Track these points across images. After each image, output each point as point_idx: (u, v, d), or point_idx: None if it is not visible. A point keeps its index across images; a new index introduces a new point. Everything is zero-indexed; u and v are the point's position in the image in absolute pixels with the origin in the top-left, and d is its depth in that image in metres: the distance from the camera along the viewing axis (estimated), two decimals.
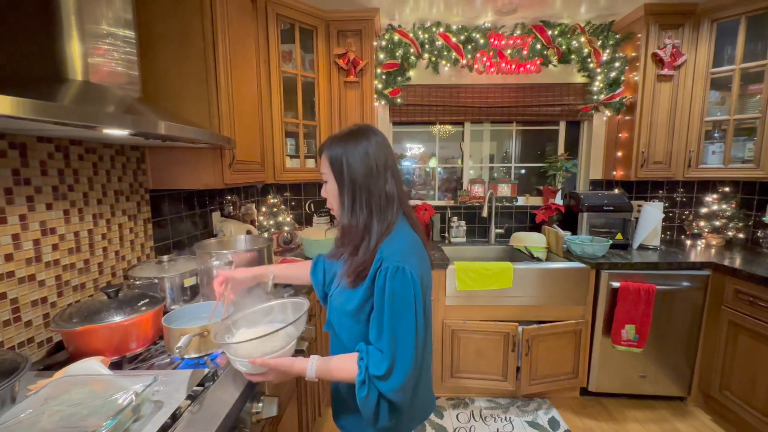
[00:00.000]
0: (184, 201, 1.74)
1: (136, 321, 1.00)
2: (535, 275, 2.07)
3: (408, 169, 2.86)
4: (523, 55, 2.40)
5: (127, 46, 1.08)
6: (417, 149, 2.85)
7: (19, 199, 0.99)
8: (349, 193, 0.84)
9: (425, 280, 0.84)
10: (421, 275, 0.80)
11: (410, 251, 0.82)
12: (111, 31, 1.02)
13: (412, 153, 2.85)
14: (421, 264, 0.83)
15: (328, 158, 0.87)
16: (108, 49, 1.01)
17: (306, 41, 2.19)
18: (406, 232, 0.86)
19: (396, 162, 0.90)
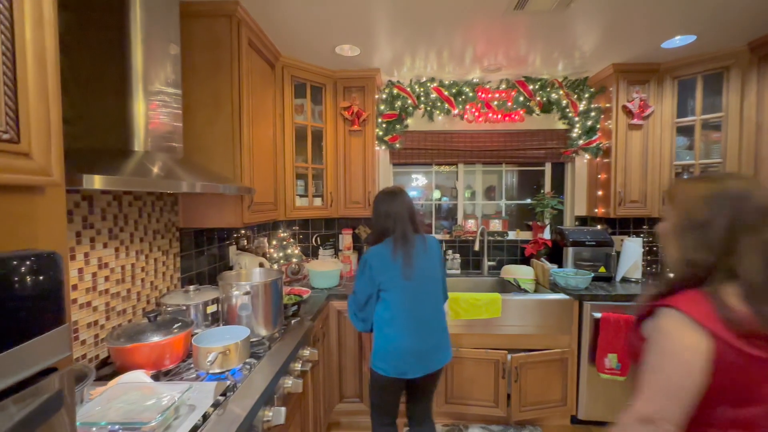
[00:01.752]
0: (206, 237, 1.99)
1: (171, 341, 1.21)
2: (522, 306, 2.24)
3: None
4: (508, 106, 2.70)
5: (173, 102, 1.34)
6: (421, 182, 3.11)
7: (85, 240, 1.24)
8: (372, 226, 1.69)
9: (376, 266, 1.53)
10: (372, 264, 1.53)
11: (377, 252, 1.55)
12: (163, 89, 1.29)
13: (417, 184, 3.11)
14: (380, 260, 1.53)
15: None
16: (159, 104, 1.28)
17: (316, 95, 2.52)
18: (383, 246, 1.57)
19: (398, 210, 1.58)
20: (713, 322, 0.72)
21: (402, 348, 1.49)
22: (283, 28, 1.94)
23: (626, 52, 2.30)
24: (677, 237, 0.84)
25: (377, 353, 1.55)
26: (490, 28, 1.98)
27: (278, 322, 1.60)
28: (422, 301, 1.54)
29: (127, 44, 1.17)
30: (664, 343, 0.76)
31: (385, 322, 1.52)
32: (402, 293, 1.51)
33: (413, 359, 1.50)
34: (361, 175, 2.59)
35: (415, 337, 1.50)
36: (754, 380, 0.72)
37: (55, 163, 0.49)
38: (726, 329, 0.71)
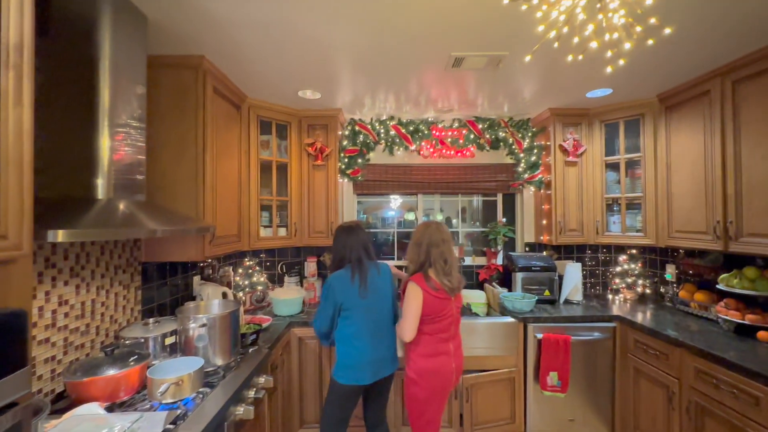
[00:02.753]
0: (169, 269, 2.08)
1: (126, 374, 1.30)
2: (473, 328, 2.41)
3: (375, 232, 3.27)
4: (459, 143, 2.96)
5: (139, 134, 1.45)
6: (396, 203, 3.30)
7: (47, 279, 1.32)
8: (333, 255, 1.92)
9: (338, 288, 1.76)
10: (334, 286, 1.76)
11: (338, 276, 1.80)
12: (128, 122, 1.41)
13: (394, 205, 3.29)
14: (340, 282, 1.77)
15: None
16: (124, 136, 1.39)
17: (281, 132, 2.69)
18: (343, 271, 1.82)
19: (354, 242, 1.85)
20: (424, 285, 1.72)
21: (366, 358, 1.74)
22: (247, 76, 2.12)
23: (559, 99, 2.61)
24: (411, 250, 1.85)
25: (344, 365, 1.75)
26: (440, 77, 2.23)
27: (235, 351, 1.70)
28: (377, 317, 1.81)
29: (96, 90, 1.30)
30: (408, 294, 1.73)
31: (350, 336, 1.76)
32: (361, 311, 1.77)
33: (374, 366, 1.76)
34: (324, 207, 2.75)
35: (374, 347, 1.77)
36: (439, 308, 1.73)
37: (26, 239, 0.62)
38: (429, 288, 1.71)
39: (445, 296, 1.73)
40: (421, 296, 1.69)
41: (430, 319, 1.72)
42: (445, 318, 1.73)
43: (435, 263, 1.75)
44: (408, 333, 1.69)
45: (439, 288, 1.72)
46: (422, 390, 1.71)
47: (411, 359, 1.76)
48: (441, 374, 1.71)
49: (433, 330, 1.73)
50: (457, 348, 1.80)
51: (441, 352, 1.73)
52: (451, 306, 1.76)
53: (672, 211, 2.40)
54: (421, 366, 1.71)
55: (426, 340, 1.73)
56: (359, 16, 1.52)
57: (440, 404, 1.76)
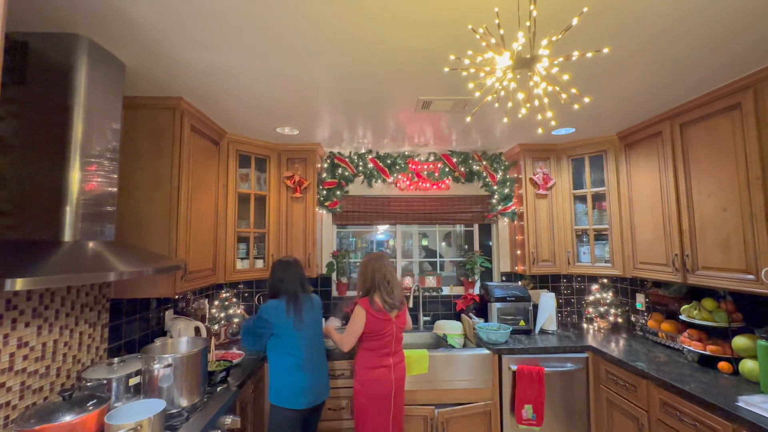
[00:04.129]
0: (140, 304, 2.06)
1: (83, 419, 1.27)
2: (448, 361, 2.41)
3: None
4: (435, 176, 3.06)
5: (110, 166, 1.48)
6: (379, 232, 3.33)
7: (6, 322, 1.31)
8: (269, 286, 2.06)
9: (269, 315, 1.89)
10: (267, 315, 1.89)
11: (271, 305, 1.92)
12: (101, 153, 1.44)
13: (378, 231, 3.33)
14: (274, 312, 1.90)
15: None
16: (97, 167, 1.42)
17: (260, 165, 2.75)
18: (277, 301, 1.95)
19: (290, 276, 2.01)
20: (368, 308, 1.98)
21: (307, 385, 1.89)
22: (226, 114, 2.20)
23: (527, 137, 2.75)
24: (359, 279, 2.12)
25: (286, 392, 1.87)
26: (412, 116, 2.34)
27: (202, 391, 1.67)
28: (313, 346, 1.99)
29: (69, 129, 1.34)
30: (354, 315, 2.00)
31: (290, 366, 1.89)
32: (297, 341, 1.91)
33: (314, 393, 1.92)
34: (302, 238, 2.77)
35: (313, 375, 1.94)
36: (380, 327, 1.98)
37: None
38: (372, 310, 1.98)
39: (387, 317, 2.00)
40: (365, 317, 1.97)
41: (373, 336, 1.99)
42: (385, 336, 2.00)
43: (379, 286, 2.03)
44: (347, 346, 2.00)
45: (381, 309, 2.00)
46: (365, 397, 1.97)
47: (356, 371, 2.04)
48: (381, 383, 1.97)
49: (375, 346, 2.00)
50: (397, 363, 2.05)
51: (381, 365, 2.00)
52: (392, 326, 2.03)
53: (636, 242, 2.50)
54: (364, 377, 1.99)
55: (368, 355, 2.02)
56: (330, 61, 1.61)
57: (381, 409, 1.97)
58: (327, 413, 2.33)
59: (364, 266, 2.11)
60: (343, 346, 2.03)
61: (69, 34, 1.35)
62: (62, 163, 1.33)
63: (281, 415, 1.85)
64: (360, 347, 2.06)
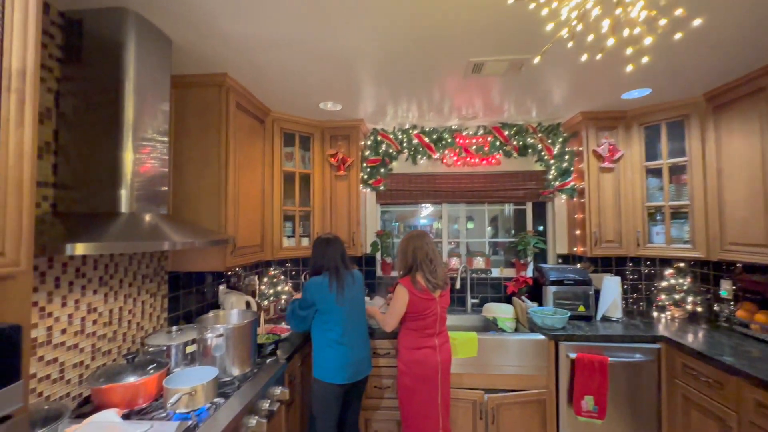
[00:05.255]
0: (196, 278, 2.15)
1: (144, 381, 1.34)
2: (499, 345, 2.28)
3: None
4: (485, 150, 2.86)
5: (163, 148, 1.53)
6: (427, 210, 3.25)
7: (76, 288, 1.41)
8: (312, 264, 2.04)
9: (313, 292, 1.88)
10: (311, 291, 1.88)
11: (314, 282, 1.91)
12: (153, 136, 1.48)
13: (426, 213, 3.25)
14: (316, 288, 1.88)
15: None
16: (150, 149, 1.46)
17: (305, 143, 2.74)
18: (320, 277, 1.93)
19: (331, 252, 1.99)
20: (410, 288, 1.91)
21: (348, 360, 1.88)
22: (270, 91, 2.19)
23: (592, 102, 2.46)
24: (399, 258, 2.05)
25: (328, 367, 1.87)
26: (461, 84, 2.17)
27: (252, 361, 1.71)
28: (355, 321, 1.96)
29: (121, 110, 1.37)
30: (396, 294, 1.94)
31: (332, 341, 1.88)
32: (339, 316, 1.89)
33: (355, 367, 1.90)
34: (347, 216, 2.75)
35: (354, 350, 1.92)
36: (424, 307, 1.91)
37: (24, 256, 0.65)
38: (414, 290, 1.90)
39: (430, 297, 1.92)
40: (407, 297, 1.90)
41: (416, 316, 1.92)
42: (429, 316, 1.93)
43: (421, 264, 1.94)
44: (389, 326, 1.96)
45: (424, 289, 1.92)
46: (410, 378, 1.91)
47: (400, 351, 2.00)
48: (426, 364, 1.90)
49: (418, 326, 1.94)
50: (442, 344, 1.97)
51: (425, 346, 1.93)
52: (436, 305, 1.95)
53: (725, 221, 2.15)
54: (408, 357, 1.93)
55: (411, 335, 1.96)
56: (372, 24, 1.50)
57: (429, 392, 1.91)
58: (370, 390, 2.32)
59: (404, 245, 2.03)
60: (385, 327, 1.99)
61: (118, 9, 1.37)
62: (117, 143, 1.37)
63: (323, 388, 1.86)
64: (403, 327, 2.00)
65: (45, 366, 1.29)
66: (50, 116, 1.32)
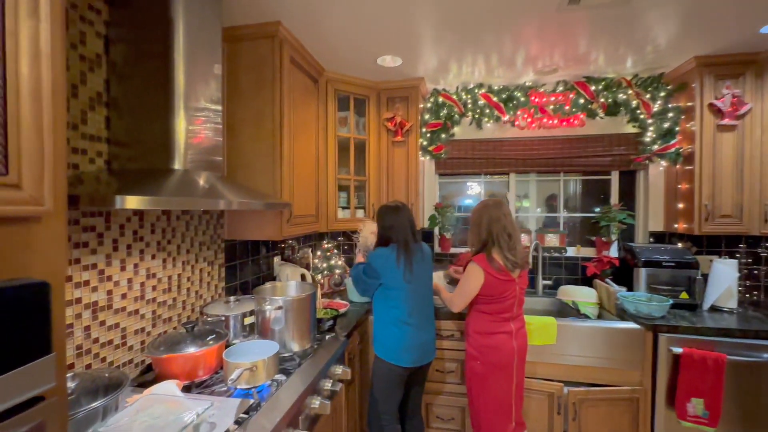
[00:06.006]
0: (251, 248, 2.07)
1: (204, 353, 1.24)
2: (582, 333, 1.98)
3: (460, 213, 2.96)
4: (565, 110, 2.46)
5: (216, 117, 1.39)
6: (475, 189, 2.97)
7: (135, 252, 1.33)
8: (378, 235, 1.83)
9: (379, 266, 1.70)
10: (375, 264, 1.71)
11: (380, 254, 1.73)
12: (206, 106, 1.35)
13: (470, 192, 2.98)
14: (383, 261, 1.70)
15: None
16: (203, 119, 1.34)
17: (359, 107, 2.52)
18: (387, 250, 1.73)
19: (400, 223, 1.75)
20: (487, 266, 1.64)
21: (414, 341, 1.70)
22: (324, 43, 1.97)
23: (712, 42, 1.97)
24: (472, 231, 1.77)
25: (395, 346, 1.69)
26: (543, 27, 1.82)
27: (312, 337, 1.58)
28: (422, 300, 1.76)
29: (171, 68, 1.23)
30: (469, 274, 1.68)
31: (396, 320, 1.69)
32: (406, 294, 1.70)
33: (420, 351, 1.72)
34: (404, 186, 2.52)
35: (420, 332, 1.73)
36: (502, 289, 1.66)
37: (48, 192, 0.50)
38: (492, 269, 1.63)
39: (508, 278, 1.67)
40: (482, 278, 1.65)
41: (491, 299, 1.68)
42: (507, 299, 1.69)
43: (498, 239, 1.67)
44: (457, 307, 1.75)
45: (503, 269, 1.65)
46: (482, 365, 1.70)
47: (470, 336, 1.77)
48: (501, 351, 1.68)
49: (494, 310, 1.70)
50: (519, 329, 1.74)
51: (500, 331, 1.70)
52: (515, 287, 1.70)
53: None
54: (480, 342, 1.72)
55: (485, 319, 1.72)
56: None
57: (503, 381, 1.69)
58: (432, 374, 2.14)
59: (477, 215, 1.74)
60: (452, 306, 1.78)
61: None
62: (168, 108, 1.22)
63: (385, 368, 1.71)
64: (473, 309, 1.76)
65: (107, 331, 1.23)
66: (100, 63, 1.20)
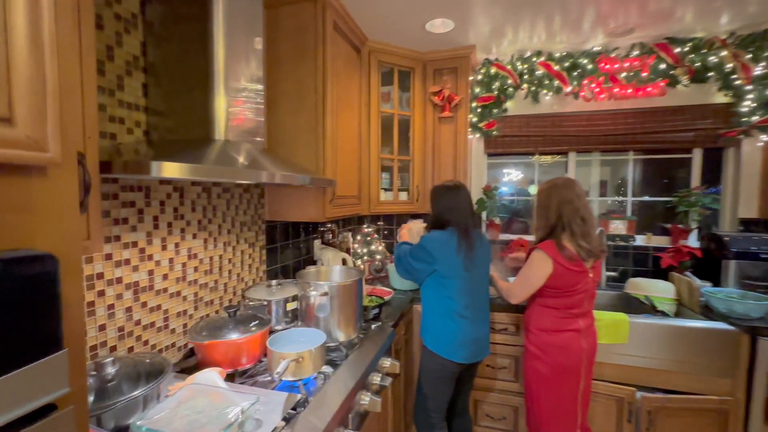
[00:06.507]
0: (291, 230, 1.97)
1: (248, 340, 1.15)
2: (660, 333, 1.73)
3: (503, 198, 2.73)
4: (642, 77, 2.13)
5: (257, 97, 1.28)
6: (515, 175, 2.73)
7: (176, 230, 1.26)
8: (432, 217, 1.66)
9: (436, 251, 1.51)
10: (434, 251, 1.51)
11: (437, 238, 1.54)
12: (246, 86, 1.24)
13: (509, 179, 2.74)
14: (441, 246, 1.52)
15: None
16: (244, 100, 1.22)
17: (403, 81, 2.33)
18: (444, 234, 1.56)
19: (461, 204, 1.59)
20: (556, 255, 1.42)
21: (469, 336, 1.54)
22: (370, 6, 1.79)
23: None
24: (538, 214, 1.55)
25: (449, 340, 1.53)
26: None
27: (358, 326, 1.46)
28: (479, 292, 1.60)
29: (210, 39, 1.11)
30: (534, 262, 1.48)
31: (453, 312, 1.53)
32: (463, 284, 1.54)
33: (475, 346, 1.57)
34: (452, 167, 2.33)
35: (477, 326, 1.58)
36: (572, 282, 1.45)
37: (54, 136, 0.37)
38: (563, 259, 1.42)
39: (581, 268, 1.44)
40: (550, 267, 1.44)
41: (560, 292, 1.48)
42: (578, 293, 1.47)
43: (570, 223, 1.44)
44: (516, 298, 1.58)
45: (575, 258, 1.43)
46: (546, 366, 1.50)
47: (532, 333, 1.56)
48: (568, 351, 1.48)
49: (561, 304, 1.49)
50: (588, 326, 1.53)
51: (568, 329, 1.49)
52: (587, 280, 1.48)
53: None
54: (543, 340, 1.52)
55: (551, 315, 1.51)
56: None
57: (569, 384, 1.49)
58: (482, 369, 1.98)
59: (545, 196, 1.53)
60: (510, 298, 1.61)
61: None
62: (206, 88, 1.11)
63: (437, 362, 1.56)
64: (536, 303, 1.57)
65: (149, 313, 1.17)
66: (136, 24, 1.11)
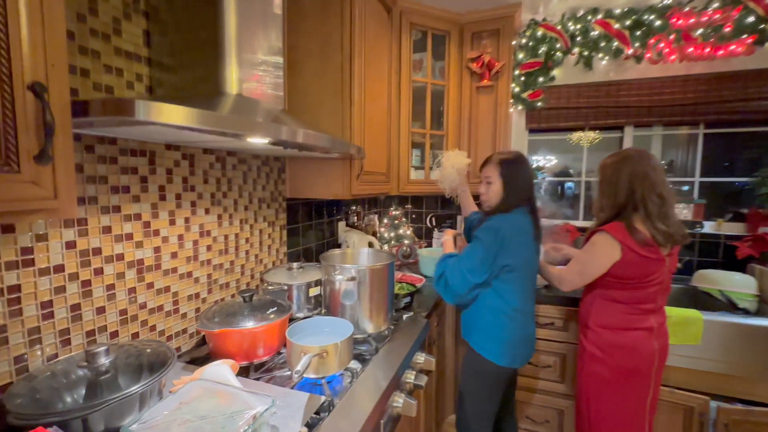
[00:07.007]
0: (314, 210, 1.81)
1: (264, 329, 1.00)
2: (740, 333, 1.47)
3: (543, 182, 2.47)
4: (724, 33, 1.80)
5: (276, 70, 1.10)
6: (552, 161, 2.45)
7: (185, 203, 1.11)
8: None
9: (512, 241, 1.23)
10: (506, 233, 1.22)
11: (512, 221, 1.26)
12: (264, 59, 1.06)
13: (550, 164, 2.47)
14: (517, 231, 1.26)
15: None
16: (261, 75, 1.05)
17: (438, 48, 2.09)
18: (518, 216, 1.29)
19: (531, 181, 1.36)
20: (626, 239, 1.18)
21: (528, 333, 1.36)
22: None
23: None
24: (603, 191, 1.30)
25: (506, 342, 1.30)
26: None
27: (389, 317, 1.29)
28: (533, 283, 1.38)
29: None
30: (598, 245, 1.25)
31: (515, 307, 1.29)
32: (525, 273, 1.32)
33: (529, 345, 1.38)
34: (490, 143, 2.09)
35: (531, 321, 1.39)
36: (646, 271, 1.21)
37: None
38: (634, 243, 1.18)
39: (657, 255, 1.19)
40: (618, 253, 1.20)
41: (629, 283, 1.24)
42: (651, 284, 1.23)
43: (645, 202, 1.20)
44: (569, 285, 1.35)
45: (650, 242, 1.18)
46: (609, 369, 1.28)
47: (592, 330, 1.33)
48: (637, 353, 1.26)
49: (631, 298, 1.25)
50: (660, 324, 1.29)
51: (638, 327, 1.26)
52: (663, 269, 1.22)
53: None
54: (607, 339, 1.29)
55: (616, 310, 1.28)
56: None
57: (636, 390, 1.28)
58: (524, 368, 1.76)
59: (613, 170, 1.27)
60: (562, 285, 1.38)
61: None
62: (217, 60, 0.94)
63: (491, 370, 1.31)
64: (598, 295, 1.33)
65: (156, 295, 1.03)
66: None
